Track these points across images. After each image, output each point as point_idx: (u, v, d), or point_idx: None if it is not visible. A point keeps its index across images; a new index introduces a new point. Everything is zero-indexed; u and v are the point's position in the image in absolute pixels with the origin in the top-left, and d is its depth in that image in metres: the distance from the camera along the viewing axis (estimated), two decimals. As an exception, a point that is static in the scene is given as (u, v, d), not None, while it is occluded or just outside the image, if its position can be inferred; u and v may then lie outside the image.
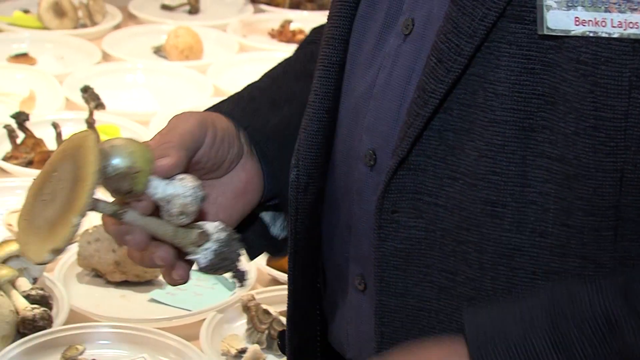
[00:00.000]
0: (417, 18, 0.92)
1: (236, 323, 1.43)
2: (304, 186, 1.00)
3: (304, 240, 1.03)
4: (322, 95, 0.99)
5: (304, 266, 1.05)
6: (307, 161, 1.00)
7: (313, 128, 1.00)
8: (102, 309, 1.44)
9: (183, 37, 2.38)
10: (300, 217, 1.02)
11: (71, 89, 2.13)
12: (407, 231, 0.89)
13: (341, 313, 1.03)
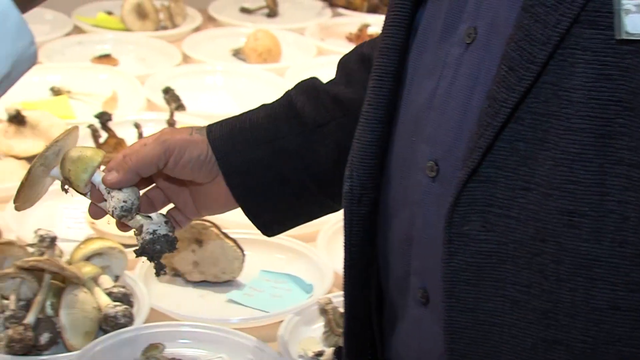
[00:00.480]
0: (480, 26, 0.91)
1: (313, 326, 1.43)
2: (358, 197, 1.00)
3: (359, 252, 1.03)
4: (376, 106, 0.99)
5: (360, 279, 1.04)
6: (361, 172, 1.00)
7: (367, 139, 1.00)
8: (181, 308, 1.46)
9: (262, 40, 2.40)
10: (355, 229, 1.02)
11: (152, 90, 2.16)
12: (478, 245, 0.88)
13: (401, 327, 1.02)
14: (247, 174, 1.18)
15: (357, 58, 1.25)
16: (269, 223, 1.23)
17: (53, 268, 1.34)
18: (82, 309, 1.35)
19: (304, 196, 1.21)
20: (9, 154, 1.84)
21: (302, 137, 1.19)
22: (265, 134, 1.19)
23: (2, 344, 1.30)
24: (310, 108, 1.20)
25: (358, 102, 1.16)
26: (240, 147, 1.17)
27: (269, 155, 1.18)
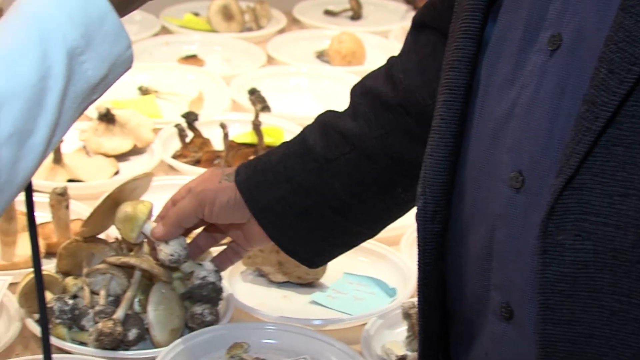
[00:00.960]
0: (565, 33, 0.89)
1: (396, 330, 1.43)
2: (431, 215, 0.99)
3: (432, 271, 1.02)
4: (448, 120, 0.98)
5: (434, 298, 1.03)
6: (435, 188, 0.99)
7: (440, 154, 0.99)
8: (265, 308, 1.47)
9: (346, 43, 2.41)
10: (429, 248, 1.01)
11: (237, 91, 2.18)
12: (573, 254, 0.86)
13: (478, 344, 1.00)
14: (273, 213, 1.27)
15: (361, 91, 1.29)
16: (309, 257, 1.30)
17: (143, 266, 1.36)
18: (169, 307, 1.37)
19: (331, 227, 1.27)
20: (98, 152, 1.88)
21: (315, 173, 1.26)
22: (283, 172, 1.26)
23: (92, 337, 1.33)
24: (321, 144, 1.26)
25: (362, 137, 1.25)
26: (263, 188, 1.26)
27: (289, 193, 1.26)
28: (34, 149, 0.87)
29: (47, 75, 0.86)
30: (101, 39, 0.89)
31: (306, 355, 1.37)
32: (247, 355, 1.35)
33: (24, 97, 0.85)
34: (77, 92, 0.89)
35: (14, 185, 0.86)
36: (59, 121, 0.88)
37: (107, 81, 0.92)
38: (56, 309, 1.35)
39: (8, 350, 1.34)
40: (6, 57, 0.85)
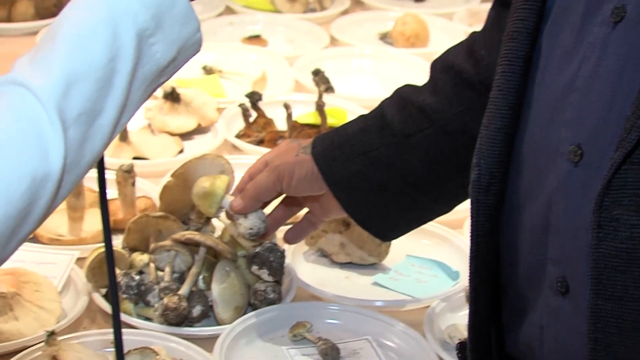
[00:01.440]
0: (628, 5, 0.88)
1: (459, 313, 1.43)
2: (486, 186, 0.99)
3: (485, 243, 1.01)
4: (506, 91, 0.97)
5: (485, 271, 1.03)
6: (490, 160, 0.98)
7: (496, 125, 0.98)
8: (327, 288, 1.48)
9: (410, 25, 2.39)
10: (481, 219, 1.00)
11: (300, 71, 2.18)
12: (629, 230, 0.86)
13: (532, 319, 1.00)
14: (349, 186, 1.27)
15: (442, 66, 1.28)
16: (383, 230, 1.31)
17: (208, 243, 1.37)
18: (232, 284, 1.38)
19: (407, 202, 1.27)
20: (163, 130, 1.90)
21: (393, 147, 1.25)
22: (360, 146, 1.26)
23: (157, 313, 1.35)
24: (399, 119, 1.26)
25: (441, 113, 1.24)
26: (339, 161, 1.26)
27: (366, 167, 1.26)
28: (101, 129, 0.87)
29: (116, 56, 0.86)
30: (171, 21, 0.89)
31: (368, 336, 1.38)
32: (310, 334, 1.36)
33: (94, 78, 0.85)
34: (145, 74, 0.89)
35: (82, 166, 0.87)
36: (127, 103, 0.89)
37: (175, 64, 0.92)
38: (123, 284, 1.37)
39: (75, 324, 1.36)
40: (77, 38, 0.86)
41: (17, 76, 0.85)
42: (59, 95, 0.84)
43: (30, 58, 0.87)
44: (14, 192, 0.81)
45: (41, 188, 0.83)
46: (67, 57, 0.85)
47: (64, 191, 0.87)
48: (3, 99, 0.84)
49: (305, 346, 1.35)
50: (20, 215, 0.82)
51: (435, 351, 1.32)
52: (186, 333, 1.34)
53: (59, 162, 0.84)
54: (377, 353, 1.35)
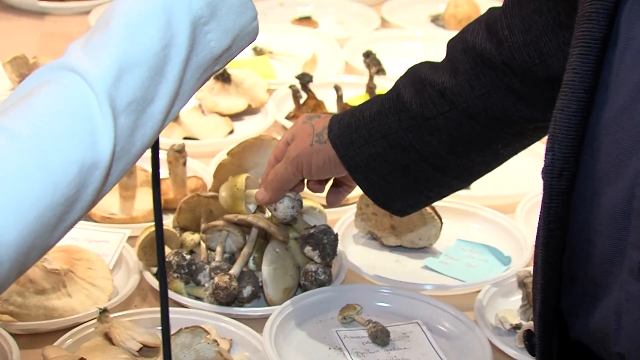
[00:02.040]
0: None
1: (511, 298, 1.42)
2: (559, 171, 0.97)
3: (557, 229, 1.00)
4: (582, 74, 0.95)
5: (555, 257, 1.01)
6: (564, 144, 0.96)
7: (571, 109, 0.96)
8: (377, 271, 1.47)
9: (462, 7, 2.37)
10: (554, 205, 0.98)
11: (351, 53, 2.17)
12: None
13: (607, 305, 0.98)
14: (368, 169, 1.28)
15: (462, 47, 1.26)
16: (402, 208, 1.32)
17: (260, 224, 1.38)
18: (283, 266, 1.38)
19: (429, 181, 1.28)
20: (213, 110, 1.90)
21: (413, 130, 1.25)
22: (378, 129, 1.27)
23: (208, 292, 1.35)
24: (418, 101, 1.25)
25: (463, 96, 1.23)
26: (358, 144, 1.27)
27: (386, 149, 1.26)
28: (153, 117, 0.86)
29: (170, 44, 0.86)
30: (227, 9, 0.88)
31: (418, 320, 1.37)
32: (360, 317, 1.36)
33: (147, 65, 0.85)
34: (199, 63, 0.89)
35: (131, 154, 0.86)
36: (180, 91, 0.88)
37: (230, 52, 0.91)
38: (174, 264, 1.37)
39: (127, 302, 1.37)
40: (130, 25, 0.85)
41: (70, 62, 0.85)
42: (110, 83, 0.83)
43: (83, 43, 0.86)
44: (62, 179, 0.81)
45: (89, 175, 0.83)
46: (120, 44, 0.85)
47: (112, 179, 0.86)
48: (54, 85, 0.84)
49: (355, 328, 1.35)
50: (68, 202, 0.82)
51: (487, 336, 1.32)
52: (236, 313, 1.35)
53: (109, 149, 0.83)
54: (427, 337, 1.34)
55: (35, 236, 0.81)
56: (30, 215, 0.80)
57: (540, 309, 1.03)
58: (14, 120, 0.82)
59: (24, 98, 0.84)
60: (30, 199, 0.80)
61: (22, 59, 1.84)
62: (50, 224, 0.82)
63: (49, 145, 0.81)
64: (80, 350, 1.24)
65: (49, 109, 0.82)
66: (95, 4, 2.35)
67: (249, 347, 1.29)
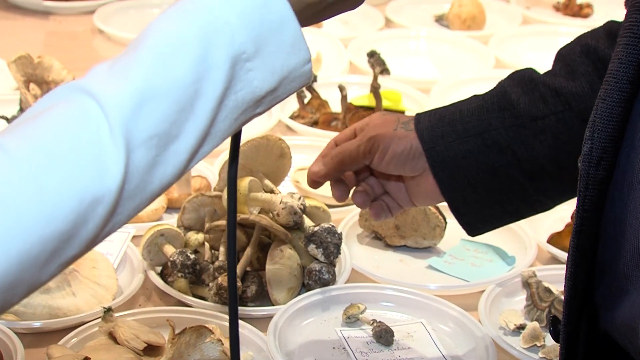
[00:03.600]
0: None
1: (515, 298, 1.42)
2: (597, 160, 0.96)
3: (591, 219, 0.99)
4: (627, 64, 0.94)
5: (587, 247, 1.01)
6: (604, 134, 0.96)
7: (614, 98, 0.95)
8: (380, 270, 1.48)
9: (466, 7, 2.38)
10: (590, 194, 0.98)
11: (355, 53, 2.18)
12: None
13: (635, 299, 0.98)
14: (454, 166, 1.18)
15: (581, 50, 1.20)
16: (474, 221, 1.22)
17: (263, 223, 1.38)
18: (286, 265, 1.38)
19: (514, 192, 1.18)
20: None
21: (515, 130, 1.17)
22: (476, 125, 1.17)
23: (212, 292, 1.35)
24: (527, 100, 1.17)
25: (582, 97, 1.15)
26: (449, 139, 1.17)
27: (479, 148, 1.17)
28: (176, 156, 0.78)
29: (203, 78, 0.77)
30: (275, 47, 0.79)
31: (422, 320, 1.37)
32: (364, 316, 1.36)
33: (173, 98, 0.76)
34: (238, 102, 0.80)
35: (147, 193, 0.78)
36: (211, 131, 0.79)
37: (275, 95, 0.82)
38: (178, 263, 1.38)
39: (131, 301, 1.37)
40: (161, 51, 0.77)
41: (88, 83, 0.77)
42: (129, 112, 0.75)
43: (109, 65, 0.79)
44: (57, 210, 0.73)
45: (91, 210, 0.75)
46: (147, 70, 0.76)
47: (122, 217, 0.78)
48: (64, 107, 0.76)
49: (359, 328, 1.35)
50: (63, 237, 0.74)
51: (491, 336, 1.31)
52: (240, 313, 1.35)
53: (116, 184, 0.75)
54: (431, 337, 1.34)
55: (21, 271, 0.73)
56: (16, 247, 0.72)
57: (567, 297, 1.03)
58: (14, 140, 0.74)
59: (31, 118, 0.76)
60: (18, 229, 0.72)
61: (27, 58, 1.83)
62: (40, 259, 0.74)
63: (47, 171, 0.74)
64: (84, 349, 1.24)
65: (52, 132, 0.75)
66: (99, 4, 2.36)
67: (253, 347, 1.29)
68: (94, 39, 2.27)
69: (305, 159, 1.75)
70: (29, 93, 1.75)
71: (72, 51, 2.17)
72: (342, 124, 1.89)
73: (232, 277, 0.96)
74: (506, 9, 2.48)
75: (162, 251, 1.41)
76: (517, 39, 2.32)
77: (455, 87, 2.06)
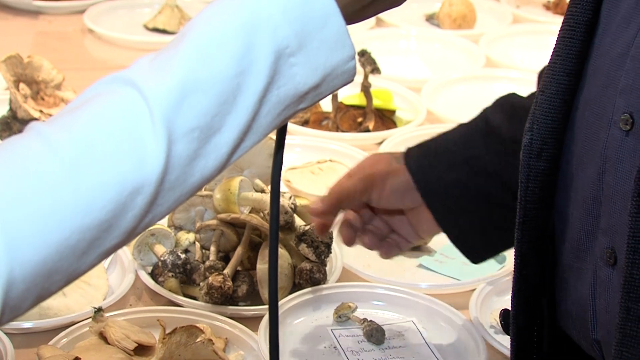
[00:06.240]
0: None
1: (506, 297, 1.42)
2: (537, 152, 0.97)
3: (534, 210, 0.99)
4: (564, 57, 0.95)
5: (533, 238, 1.01)
6: (543, 125, 0.96)
7: (551, 91, 0.96)
8: (372, 270, 1.47)
9: (457, 6, 2.38)
10: (532, 185, 0.98)
11: (346, 53, 2.17)
12: None
13: (580, 290, 0.98)
14: (446, 196, 1.20)
15: None
16: (475, 248, 1.23)
17: (254, 222, 1.37)
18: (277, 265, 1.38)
19: (509, 216, 1.16)
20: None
21: (499, 155, 1.18)
22: (461, 154, 1.20)
23: (202, 292, 1.35)
24: (507, 125, 1.19)
25: None
26: (438, 170, 1.19)
27: (467, 176, 1.19)
28: (217, 149, 0.77)
29: (246, 71, 0.76)
30: (319, 42, 0.77)
31: (413, 318, 1.37)
32: (355, 315, 1.36)
33: (215, 90, 0.76)
34: (280, 97, 0.78)
35: (187, 185, 0.77)
36: (253, 125, 0.78)
37: (318, 92, 0.80)
38: (169, 263, 1.37)
39: (122, 301, 1.37)
40: (205, 43, 0.77)
41: (131, 74, 0.77)
42: (171, 104, 0.75)
43: (152, 58, 0.78)
44: (96, 199, 0.73)
45: (130, 200, 0.74)
46: (189, 63, 0.76)
47: (162, 209, 0.77)
48: (106, 97, 0.76)
49: (350, 327, 1.35)
50: (102, 226, 0.74)
51: (482, 334, 1.32)
52: (231, 312, 1.35)
53: (155, 175, 0.75)
54: (422, 335, 1.34)
55: (59, 259, 0.73)
56: (55, 236, 0.72)
57: (515, 289, 1.03)
58: (55, 129, 0.75)
59: (74, 109, 0.77)
60: (58, 216, 0.72)
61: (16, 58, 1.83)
62: (79, 248, 0.74)
63: (86, 159, 0.73)
64: (75, 350, 1.24)
65: (93, 122, 0.75)
66: (89, 3, 2.35)
67: (244, 346, 1.29)
68: (84, 38, 2.26)
69: (296, 158, 1.75)
70: (19, 93, 1.74)
71: (62, 51, 2.16)
72: (332, 123, 1.89)
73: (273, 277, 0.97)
74: (496, 8, 2.48)
75: (153, 251, 1.41)
76: (507, 38, 2.33)
77: (446, 86, 2.06)
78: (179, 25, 2.27)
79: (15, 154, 0.74)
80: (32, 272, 0.72)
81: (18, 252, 0.71)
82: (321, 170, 1.72)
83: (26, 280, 0.71)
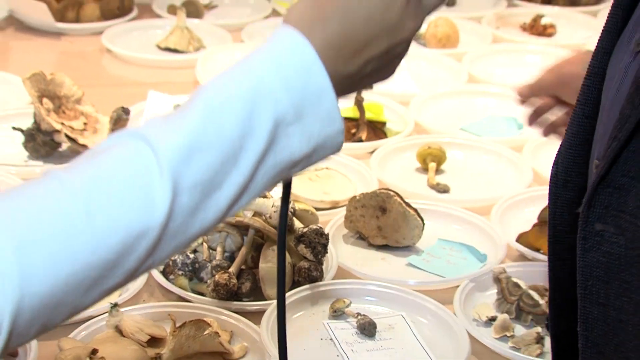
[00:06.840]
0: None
1: (487, 292, 1.42)
2: (563, 182, 0.97)
3: (564, 232, 1.00)
4: (583, 102, 0.96)
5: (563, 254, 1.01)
6: (566, 160, 0.97)
7: (572, 131, 0.97)
8: (364, 268, 1.47)
9: (442, 27, 2.37)
10: (559, 211, 0.98)
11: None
12: (609, 246, 0.84)
13: None
14: None
15: None
16: None
17: (257, 225, 1.37)
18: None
19: None
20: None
21: None
22: None
23: (210, 288, 1.35)
24: None
25: None
26: None
27: None
28: (216, 204, 0.77)
29: (248, 134, 0.76)
30: (313, 116, 0.78)
31: (403, 313, 1.37)
32: (349, 310, 1.35)
33: (220, 150, 0.76)
34: (276, 162, 0.78)
35: (188, 234, 0.77)
36: (250, 185, 0.78)
37: (309, 160, 0.81)
38: (179, 262, 1.37)
39: (136, 297, 1.36)
40: (213, 106, 0.77)
41: (144, 131, 0.77)
42: (178, 159, 0.75)
43: (164, 117, 0.78)
44: (105, 240, 0.73)
45: (136, 243, 0.74)
46: (197, 123, 0.76)
47: (163, 254, 0.77)
48: (119, 148, 0.76)
49: (345, 321, 1.35)
50: (108, 265, 0.73)
51: (465, 327, 1.31)
52: (236, 307, 1.34)
53: (160, 221, 0.74)
54: (410, 328, 1.34)
55: (66, 293, 0.72)
56: (64, 270, 0.72)
57: (550, 297, 1.03)
58: (70, 174, 0.75)
59: (89, 157, 0.77)
60: (69, 252, 0.72)
61: (40, 75, 1.82)
62: (84, 284, 0.73)
63: (99, 202, 0.73)
64: (93, 342, 1.23)
65: (106, 169, 0.75)
66: (107, 25, 2.35)
67: (248, 338, 1.29)
68: (102, 57, 2.26)
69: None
70: (42, 107, 1.74)
71: (82, 69, 2.16)
72: (329, 134, 1.88)
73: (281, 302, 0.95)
74: (478, 29, 2.48)
75: (164, 251, 1.40)
76: (488, 57, 2.32)
77: (432, 100, 2.06)
78: (188, 45, 2.27)
79: (34, 194, 0.74)
80: (40, 302, 0.71)
81: (29, 282, 0.70)
82: (318, 177, 1.71)
83: (34, 309, 0.71)
